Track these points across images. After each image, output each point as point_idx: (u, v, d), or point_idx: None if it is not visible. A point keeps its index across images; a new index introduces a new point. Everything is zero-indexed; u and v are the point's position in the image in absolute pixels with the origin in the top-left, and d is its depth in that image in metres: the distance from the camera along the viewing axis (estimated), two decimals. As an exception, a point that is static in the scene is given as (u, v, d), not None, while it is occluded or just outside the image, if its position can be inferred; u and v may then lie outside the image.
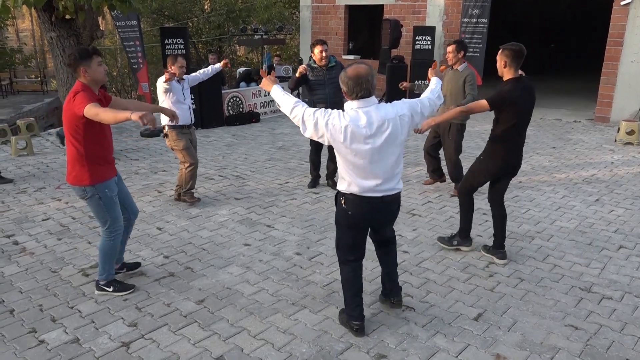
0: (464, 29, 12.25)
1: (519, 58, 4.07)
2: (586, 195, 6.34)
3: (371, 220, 3.38)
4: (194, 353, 3.24)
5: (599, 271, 4.38)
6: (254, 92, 11.35)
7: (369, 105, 3.12)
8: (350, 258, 3.42)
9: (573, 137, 9.68)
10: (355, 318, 3.42)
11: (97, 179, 3.66)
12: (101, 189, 3.69)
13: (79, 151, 3.61)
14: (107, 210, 3.76)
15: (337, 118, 3.09)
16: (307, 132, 3.18)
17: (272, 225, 5.32)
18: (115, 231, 3.83)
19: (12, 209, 5.71)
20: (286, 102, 3.26)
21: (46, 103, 15.45)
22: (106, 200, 3.72)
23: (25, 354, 3.22)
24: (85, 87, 3.59)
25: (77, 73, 3.60)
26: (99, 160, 3.68)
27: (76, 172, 3.65)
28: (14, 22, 29.02)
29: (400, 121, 3.17)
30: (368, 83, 3.08)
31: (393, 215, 3.48)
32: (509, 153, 4.32)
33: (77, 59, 3.57)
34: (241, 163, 7.73)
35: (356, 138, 3.07)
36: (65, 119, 3.59)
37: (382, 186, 3.20)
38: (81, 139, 3.57)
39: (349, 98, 3.16)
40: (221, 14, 20.39)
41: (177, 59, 5.62)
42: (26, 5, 6.51)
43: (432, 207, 5.88)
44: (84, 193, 3.70)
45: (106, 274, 3.91)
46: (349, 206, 3.27)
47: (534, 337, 3.44)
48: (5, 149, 8.42)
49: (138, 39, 11.61)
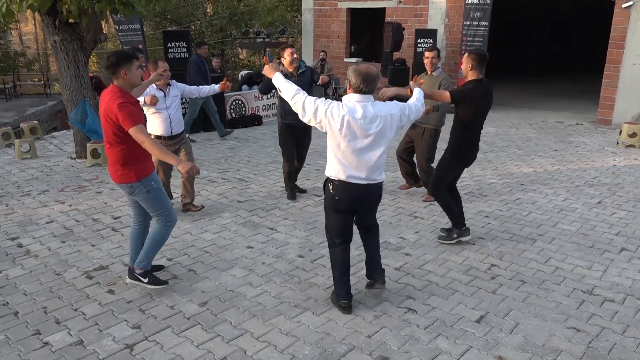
0: (465, 32, 12.28)
1: (482, 62, 4.47)
2: (588, 197, 6.35)
3: (356, 204, 3.68)
4: (197, 355, 3.26)
5: (601, 274, 4.39)
6: (256, 95, 11.38)
7: (367, 102, 3.46)
8: (338, 241, 3.74)
9: (575, 140, 9.68)
10: (343, 297, 3.75)
11: (142, 175, 3.78)
12: (147, 182, 3.81)
13: (123, 152, 3.71)
14: (159, 201, 3.88)
15: (336, 107, 3.43)
16: (306, 118, 3.50)
17: (275, 228, 5.34)
18: (170, 219, 3.95)
19: (16, 211, 5.74)
20: (288, 89, 3.58)
21: (49, 106, 15.49)
22: (154, 192, 3.84)
23: (30, 355, 3.24)
24: (124, 92, 3.66)
25: (116, 75, 3.63)
26: (141, 158, 3.80)
27: (121, 171, 3.75)
28: (17, 26, 29.16)
29: (391, 119, 3.52)
30: (374, 83, 3.45)
31: (375, 203, 3.82)
32: (472, 148, 4.79)
33: (119, 61, 3.61)
34: (244, 166, 7.75)
35: (351, 128, 3.41)
36: (107, 125, 3.65)
37: (367, 175, 3.53)
38: (124, 141, 3.67)
39: (352, 90, 3.48)
40: (224, 17, 20.48)
41: (157, 64, 5.27)
42: (30, 9, 6.56)
43: (434, 209, 5.89)
44: (131, 189, 3.80)
45: (146, 262, 4.00)
46: (335, 191, 3.60)
47: (535, 340, 3.45)
48: (9, 152, 8.46)
49: (141, 42, 11.65)
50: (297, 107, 3.52)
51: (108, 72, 3.70)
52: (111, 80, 3.75)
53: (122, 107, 3.55)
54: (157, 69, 5.14)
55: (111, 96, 3.62)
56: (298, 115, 3.57)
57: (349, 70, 3.55)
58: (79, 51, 7.60)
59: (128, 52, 3.79)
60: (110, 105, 3.58)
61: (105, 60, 3.75)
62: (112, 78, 3.69)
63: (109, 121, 3.62)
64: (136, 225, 4.10)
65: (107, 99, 3.63)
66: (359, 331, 3.52)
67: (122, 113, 3.54)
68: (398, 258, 4.64)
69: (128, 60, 3.64)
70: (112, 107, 3.56)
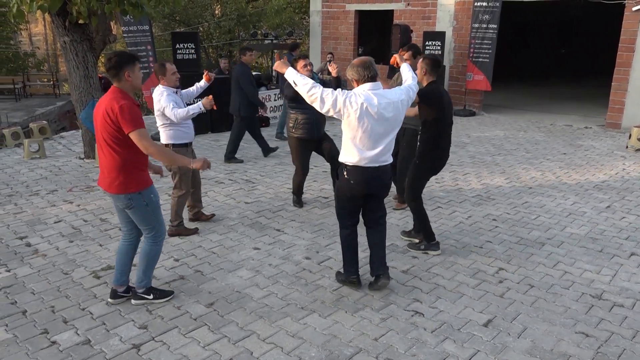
0: (474, 34, 12.26)
1: (436, 67, 4.59)
2: (597, 201, 6.31)
3: (369, 187, 3.89)
4: (203, 356, 3.26)
5: (610, 278, 4.35)
6: (264, 97, 11.39)
7: (378, 89, 3.69)
8: (348, 223, 4.04)
9: (584, 143, 9.63)
10: (352, 273, 4.06)
11: (143, 185, 3.55)
12: (147, 194, 3.58)
13: (122, 159, 3.46)
14: (155, 215, 3.66)
15: (354, 96, 3.64)
16: (325, 108, 3.65)
17: (282, 229, 5.34)
18: (161, 235, 3.75)
19: (24, 211, 5.77)
20: (304, 82, 3.69)
21: (58, 106, 15.61)
22: (152, 205, 3.62)
23: (38, 354, 3.25)
24: (126, 95, 3.46)
25: (119, 77, 3.44)
26: (141, 166, 3.57)
27: (120, 180, 3.48)
28: (27, 27, 29.38)
29: (401, 105, 3.79)
30: (373, 66, 3.69)
31: (387, 184, 4.04)
32: (444, 153, 4.76)
33: (123, 62, 3.43)
34: (251, 167, 7.76)
35: (369, 114, 3.62)
36: (105, 127, 3.41)
37: (380, 157, 3.78)
38: (124, 146, 3.44)
39: (360, 83, 3.70)
40: (232, 18, 20.54)
41: (165, 67, 4.94)
42: (40, 9, 6.60)
43: (441, 212, 5.87)
44: (129, 202, 3.54)
45: (147, 280, 3.82)
46: (350, 176, 3.83)
47: (544, 344, 3.42)
48: (19, 152, 8.51)
49: (150, 44, 11.70)
50: (314, 98, 3.64)
51: (109, 73, 3.46)
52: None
53: (125, 109, 3.34)
54: (164, 72, 4.90)
55: (112, 97, 3.41)
56: (316, 108, 3.69)
57: (346, 72, 3.76)
58: (89, 52, 7.64)
59: (131, 53, 3.60)
60: (112, 105, 3.36)
61: (106, 62, 3.46)
62: (114, 80, 3.48)
63: (108, 123, 3.37)
64: (126, 241, 3.82)
65: (107, 100, 3.42)
66: (366, 334, 3.51)
67: (125, 115, 3.33)
68: (405, 261, 4.62)
69: (132, 62, 3.47)
70: (114, 108, 3.34)
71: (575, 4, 15.19)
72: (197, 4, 21.14)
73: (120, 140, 3.42)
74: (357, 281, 4.05)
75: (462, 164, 8.00)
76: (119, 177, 3.48)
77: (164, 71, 4.92)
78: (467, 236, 5.20)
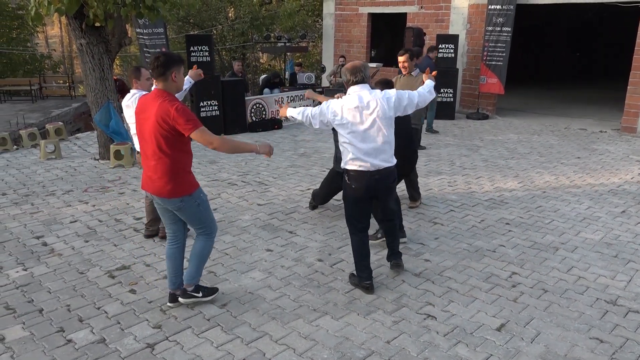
0: (487, 37, 12.21)
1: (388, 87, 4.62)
2: (612, 206, 6.25)
3: (372, 190, 3.99)
4: (217, 356, 3.28)
5: (625, 284, 4.31)
6: (277, 99, 11.45)
7: (363, 89, 3.88)
8: (358, 227, 4.09)
9: (599, 148, 9.54)
10: (365, 279, 4.09)
11: (194, 186, 3.55)
12: (197, 195, 3.56)
13: (172, 161, 3.40)
14: (206, 214, 3.66)
15: (334, 102, 3.89)
16: (316, 123, 3.95)
17: (294, 231, 5.36)
18: (214, 230, 3.76)
19: (41, 210, 5.85)
20: (298, 112, 4.05)
21: (74, 108, 15.77)
22: (204, 204, 3.63)
23: (54, 352, 3.30)
24: (173, 97, 3.40)
25: (165, 77, 3.36)
26: (189, 168, 3.55)
27: (173, 184, 3.43)
28: (43, 29, 29.78)
29: (387, 102, 3.88)
30: (362, 72, 3.89)
31: (391, 186, 4.16)
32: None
33: (171, 62, 3.36)
34: (263, 169, 7.80)
35: (351, 115, 3.81)
36: (158, 131, 3.32)
37: (377, 160, 3.87)
38: (175, 149, 3.39)
39: (348, 86, 3.93)
40: (245, 21, 20.62)
41: (140, 71, 4.88)
42: (58, 12, 6.70)
43: (454, 216, 5.85)
44: (181, 204, 3.50)
45: (198, 277, 3.83)
46: (352, 181, 3.94)
47: (557, 349, 3.40)
48: (35, 153, 8.63)
49: (164, 46, 11.82)
50: (307, 120, 3.98)
51: (154, 73, 3.37)
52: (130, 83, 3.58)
53: (180, 111, 3.27)
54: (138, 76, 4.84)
55: (162, 100, 3.31)
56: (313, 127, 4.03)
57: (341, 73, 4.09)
58: (104, 54, 7.74)
59: (178, 54, 3.54)
60: (166, 109, 3.26)
61: (153, 61, 3.37)
62: (159, 80, 3.39)
63: (163, 127, 3.29)
64: (173, 245, 3.77)
65: (157, 104, 3.30)
66: (378, 336, 3.51)
67: (182, 117, 3.26)
68: (418, 264, 4.62)
69: (179, 63, 3.40)
70: (169, 112, 3.24)
71: (591, 7, 15.06)
72: (211, 7, 21.24)
73: (172, 143, 3.36)
74: (371, 287, 4.07)
75: (475, 168, 7.97)
76: (170, 181, 3.42)
77: (138, 75, 4.87)
78: (480, 240, 5.18)
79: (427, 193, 6.64)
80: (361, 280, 4.10)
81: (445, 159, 8.49)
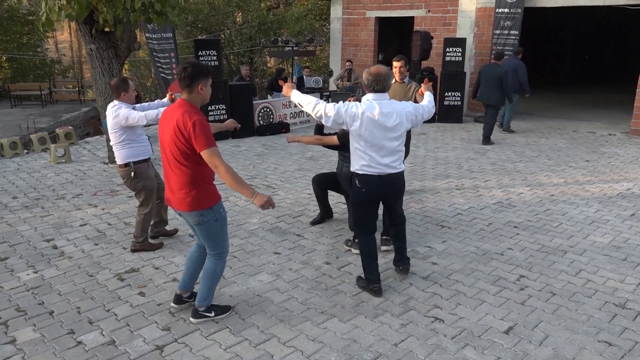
0: (495, 41, 12.20)
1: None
2: (621, 209, 6.22)
3: (382, 194, 4.06)
4: (225, 358, 3.30)
5: (634, 287, 4.29)
6: (284, 103, 11.49)
7: (382, 99, 3.88)
8: (367, 231, 4.10)
9: (608, 151, 9.49)
10: (373, 281, 4.09)
11: (215, 200, 3.42)
12: (217, 209, 3.45)
13: (192, 174, 3.31)
14: (222, 232, 3.52)
15: (355, 106, 3.83)
16: (330, 122, 3.85)
17: (302, 234, 5.37)
18: (226, 251, 3.61)
19: (51, 214, 5.91)
20: (308, 101, 3.91)
21: (83, 112, 15.91)
22: (222, 221, 3.49)
23: (64, 354, 3.33)
24: (196, 109, 3.30)
25: (191, 88, 3.27)
26: (209, 180, 3.42)
27: (193, 196, 3.33)
28: (53, 34, 30.06)
29: (406, 115, 3.95)
30: (385, 81, 3.86)
31: (400, 190, 4.20)
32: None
33: (198, 73, 3.26)
34: (271, 172, 7.83)
35: (370, 123, 3.80)
36: (175, 142, 3.26)
37: (388, 165, 3.91)
38: (193, 162, 3.29)
39: (367, 91, 3.91)
40: (253, 26, 20.72)
41: (128, 83, 4.73)
42: (68, 18, 6.78)
43: (462, 219, 5.85)
44: (201, 218, 3.39)
45: (211, 298, 3.68)
46: (362, 184, 3.96)
47: (566, 352, 3.39)
48: (45, 157, 8.72)
49: (173, 51, 11.93)
50: (319, 115, 3.86)
51: (181, 83, 3.28)
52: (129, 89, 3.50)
53: (199, 126, 3.17)
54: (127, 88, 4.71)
55: (184, 111, 3.23)
56: (323, 123, 3.95)
57: (363, 72, 3.94)
58: (114, 59, 7.81)
59: (206, 66, 3.40)
60: (185, 121, 3.18)
61: (180, 71, 3.28)
62: (184, 91, 3.31)
63: (180, 139, 3.22)
64: (198, 250, 3.75)
65: (178, 114, 3.23)
66: (386, 339, 3.52)
67: (198, 132, 3.16)
68: (425, 267, 4.62)
69: (207, 75, 3.30)
70: (186, 124, 3.17)
71: (599, 9, 15.00)
72: (219, 11, 21.36)
73: (189, 156, 3.27)
74: (379, 290, 4.08)
75: (483, 171, 7.95)
76: (190, 193, 3.34)
77: (126, 87, 4.70)
78: (487, 243, 5.18)
79: (434, 196, 6.64)
80: (369, 283, 4.11)
81: (453, 162, 8.49)
